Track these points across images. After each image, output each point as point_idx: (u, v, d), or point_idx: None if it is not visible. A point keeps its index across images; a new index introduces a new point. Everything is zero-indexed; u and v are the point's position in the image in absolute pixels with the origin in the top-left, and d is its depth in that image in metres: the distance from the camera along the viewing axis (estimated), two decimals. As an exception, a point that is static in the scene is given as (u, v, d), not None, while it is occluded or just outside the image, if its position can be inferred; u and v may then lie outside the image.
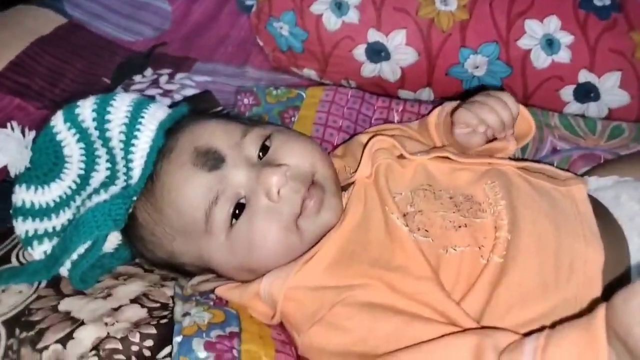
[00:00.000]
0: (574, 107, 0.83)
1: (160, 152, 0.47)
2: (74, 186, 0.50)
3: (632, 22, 0.81)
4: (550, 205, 0.47)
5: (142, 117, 0.48)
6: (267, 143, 0.49)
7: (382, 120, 0.72)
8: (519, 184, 0.48)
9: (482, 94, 0.53)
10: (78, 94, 0.89)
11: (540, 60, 0.82)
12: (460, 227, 0.45)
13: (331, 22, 0.86)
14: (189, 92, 0.89)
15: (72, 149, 0.50)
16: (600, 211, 0.48)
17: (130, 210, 0.48)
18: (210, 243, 0.47)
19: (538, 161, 0.59)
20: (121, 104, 0.49)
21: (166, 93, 0.89)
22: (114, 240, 0.50)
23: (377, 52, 0.86)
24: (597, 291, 0.43)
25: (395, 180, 0.49)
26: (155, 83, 0.91)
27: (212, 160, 0.46)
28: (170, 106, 0.72)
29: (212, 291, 0.47)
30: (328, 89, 0.75)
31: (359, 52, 0.86)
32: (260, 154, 0.48)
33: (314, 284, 0.44)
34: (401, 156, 0.52)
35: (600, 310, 0.33)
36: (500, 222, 0.45)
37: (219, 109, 0.76)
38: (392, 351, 0.39)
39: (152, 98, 0.87)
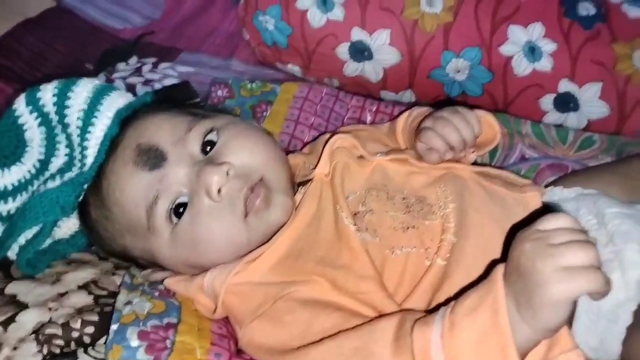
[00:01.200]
0: (553, 117, 0.83)
1: (111, 145, 0.47)
2: (33, 171, 0.50)
3: (616, 33, 0.81)
4: (501, 210, 0.47)
5: (101, 104, 0.48)
6: (213, 137, 0.48)
7: (355, 119, 0.72)
8: (473, 188, 0.48)
9: (449, 109, 0.53)
10: (59, 78, 0.90)
11: (522, 67, 0.81)
12: (408, 228, 0.46)
13: (316, 18, 0.86)
14: (171, 81, 0.89)
15: (34, 133, 0.50)
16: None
17: (85, 202, 0.48)
18: (156, 241, 0.47)
19: (500, 167, 0.59)
20: (82, 90, 0.49)
21: (147, 82, 0.89)
22: (71, 226, 0.50)
23: (360, 51, 0.86)
24: None
25: (351, 179, 0.49)
26: (137, 71, 0.91)
27: (153, 158, 0.46)
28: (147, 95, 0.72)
29: (162, 282, 0.48)
30: (302, 85, 0.75)
31: (342, 50, 0.86)
32: (209, 148, 0.48)
33: (258, 280, 0.44)
34: (361, 156, 0.52)
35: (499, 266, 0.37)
36: (447, 225, 0.45)
37: (196, 100, 0.76)
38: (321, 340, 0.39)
39: (133, 86, 0.87)
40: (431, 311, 0.39)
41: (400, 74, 0.86)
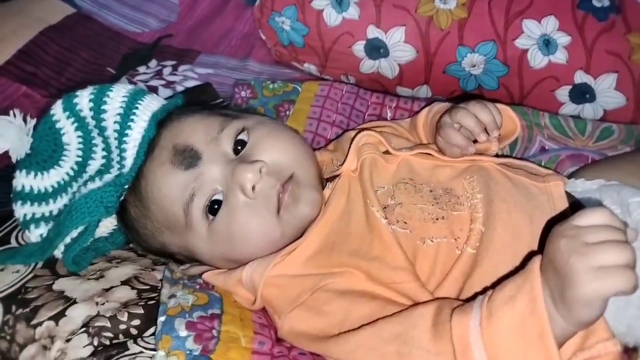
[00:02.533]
0: (569, 108, 0.84)
1: (148, 147, 0.49)
2: (71, 173, 0.52)
3: (630, 24, 0.82)
4: (527, 200, 0.49)
5: (137, 108, 0.50)
6: (244, 137, 0.50)
7: (375, 116, 0.73)
8: (498, 179, 0.50)
9: (469, 102, 0.54)
10: (83, 83, 0.92)
11: (537, 60, 0.82)
12: (437, 219, 0.47)
13: (332, 17, 0.87)
14: (191, 83, 0.91)
15: (71, 137, 0.52)
16: (578, 208, 0.49)
17: (124, 201, 0.50)
18: (193, 237, 0.49)
19: (521, 158, 0.61)
20: (117, 95, 0.51)
21: (169, 84, 0.91)
22: (109, 225, 0.52)
23: (376, 49, 0.87)
24: None
25: (379, 174, 0.51)
26: (158, 74, 0.93)
27: (188, 158, 0.48)
28: (170, 97, 0.74)
29: (200, 276, 0.50)
30: (323, 84, 0.77)
31: (359, 48, 0.88)
32: (240, 147, 0.50)
33: (295, 272, 0.46)
34: (387, 152, 0.53)
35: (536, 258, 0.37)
36: (475, 214, 0.47)
37: (219, 100, 0.78)
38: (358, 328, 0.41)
39: (155, 89, 0.89)
40: (465, 300, 0.40)
41: (416, 70, 0.87)
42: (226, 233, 0.48)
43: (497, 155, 0.57)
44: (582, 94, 0.83)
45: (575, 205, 0.49)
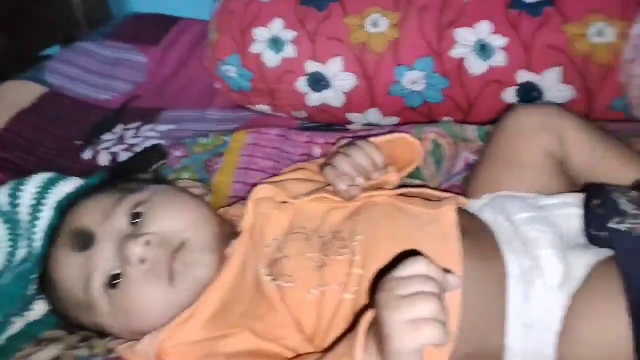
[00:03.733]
0: (520, 109, 0.82)
1: (52, 228, 0.52)
2: (6, 263, 0.56)
3: (566, 14, 0.79)
4: (417, 229, 0.48)
5: (46, 198, 0.53)
6: (141, 210, 0.52)
7: (305, 155, 0.74)
8: (389, 214, 0.50)
9: (351, 144, 0.55)
10: (52, 161, 0.97)
11: (476, 67, 0.81)
12: (322, 267, 0.47)
13: (271, 59, 0.89)
14: (152, 142, 0.94)
15: (1, 230, 0.56)
16: (478, 230, 0.48)
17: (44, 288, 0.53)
18: (98, 314, 0.51)
19: (420, 186, 0.60)
20: (31, 187, 0.54)
21: (130, 147, 0.94)
22: (43, 308, 0.55)
23: (318, 82, 0.88)
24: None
25: (272, 228, 0.51)
26: (121, 139, 0.97)
27: (82, 240, 0.50)
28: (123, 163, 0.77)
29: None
30: (252, 132, 0.78)
31: (302, 83, 0.89)
32: (136, 221, 0.51)
33: (194, 339, 0.47)
34: (285, 202, 0.54)
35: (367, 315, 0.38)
36: (353, 258, 0.46)
37: (165, 161, 0.80)
38: None
39: (116, 155, 0.93)
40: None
41: (360, 95, 0.88)
42: (124, 306, 0.50)
43: (399, 186, 0.56)
44: (528, 92, 0.81)
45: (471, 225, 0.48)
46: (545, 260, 0.44)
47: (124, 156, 0.92)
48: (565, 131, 0.57)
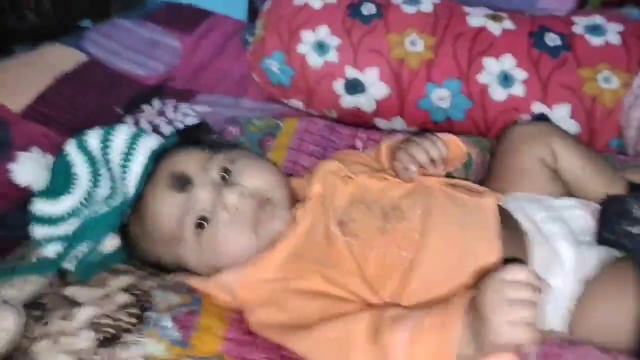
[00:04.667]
0: (530, 136, 0.93)
1: (146, 174, 0.58)
2: (82, 200, 0.61)
3: (580, 60, 0.91)
4: (462, 213, 0.57)
5: (136, 145, 0.59)
6: (230, 167, 0.59)
7: (348, 146, 0.82)
8: (439, 196, 0.59)
9: (421, 135, 0.64)
10: (93, 123, 1.02)
11: (497, 93, 0.92)
12: (384, 231, 0.56)
13: (314, 61, 0.98)
14: (190, 120, 1.01)
15: (81, 171, 0.62)
16: (510, 221, 0.58)
17: (127, 223, 0.59)
18: (184, 248, 0.58)
19: (465, 179, 0.69)
20: (121, 135, 0.61)
21: (170, 121, 1.01)
22: (114, 243, 0.61)
23: (355, 87, 0.97)
24: None
25: (338, 196, 0.59)
26: (161, 112, 1.04)
27: (183, 183, 0.57)
28: (171, 134, 0.84)
29: (186, 282, 0.58)
30: (302, 119, 0.87)
31: (339, 86, 0.98)
32: (226, 175, 0.59)
33: (266, 277, 0.55)
34: (347, 176, 0.62)
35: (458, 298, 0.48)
36: (415, 225, 0.55)
37: (213, 135, 0.87)
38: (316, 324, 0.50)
39: (157, 126, 0.99)
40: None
41: (390, 104, 0.97)
42: (212, 244, 0.57)
43: (448, 175, 0.66)
44: (540, 122, 0.92)
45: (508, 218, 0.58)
46: (564, 251, 0.54)
47: (165, 128, 0.98)
48: (556, 145, 0.67)
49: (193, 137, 0.84)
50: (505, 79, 0.92)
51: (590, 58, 0.91)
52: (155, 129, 0.98)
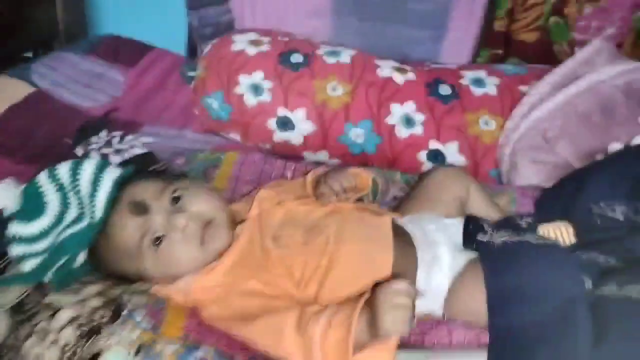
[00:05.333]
0: (428, 166, 1.13)
1: (111, 200, 0.71)
2: (52, 222, 0.72)
3: (466, 106, 1.13)
4: (366, 230, 0.74)
5: (102, 176, 0.72)
6: (179, 194, 0.73)
7: (280, 175, 0.98)
8: (349, 217, 0.76)
9: (337, 169, 0.83)
10: (44, 152, 1.10)
11: (402, 132, 1.12)
12: (307, 244, 0.72)
13: (250, 100, 1.14)
14: (137, 151, 1.12)
15: (52, 197, 0.72)
16: (402, 234, 0.76)
17: (94, 242, 0.71)
18: (143, 262, 0.70)
19: (372, 202, 0.88)
20: (88, 167, 0.72)
21: (117, 152, 1.11)
22: (81, 259, 0.72)
23: (285, 124, 1.14)
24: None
25: (271, 217, 0.75)
26: (108, 143, 1.14)
27: (140, 209, 0.70)
28: (121, 164, 0.96)
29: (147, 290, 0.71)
30: (241, 153, 1.01)
31: (272, 123, 1.14)
32: (175, 201, 0.72)
33: (216, 282, 0.68)
34: (279, 202, 0.78)
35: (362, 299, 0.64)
36: (329, 238, 0.71)
37: (160, 164, 1.00)
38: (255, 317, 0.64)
39: (106, 156, 1.09)
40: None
41: (315, 139, 1.14)
42: (166, 258, 0.70)
43: (359, 200, 0.84)
44: (435, 156, 1.12)
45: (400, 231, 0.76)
46: (443, 255, 0.72)
47: (113, 158, 1.09)
48: (471, 187, 0.88)
49: (147, 167, 0.96)
50: (408, 121, 1.12)
51: (473, 105, 1.13)
52: (104, 159, 1.08)
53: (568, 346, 0.62)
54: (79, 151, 1.11)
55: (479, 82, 1.17)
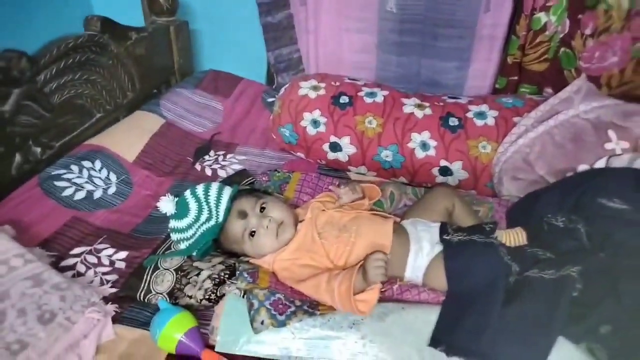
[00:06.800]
0: (440, 179, 1.55)
1: (228, 210, 1.21)
2: (193, 220, 1.23)
3: (469, 134, 1.52)
4: (377, 225, 1.18)
5: (223, 193, 1.22)
6: (264, 205, 1.21)
7: (327, 189, 1.45)
8: (365, 220, 1.20)
9: (354, 183, 1.28)
10: (177, 168, 1.64)
11: (419, 154, 1.54)
12: (339, 237, 1.16)
13: (311, 131, 1.61)
14: (235, 166, 1.62)
15: (193, 205, 1.24)
16: (403, 231, 1.20)
17: (218, 235, 1.22)
18: (245, 246, 1.18)
19: (383, 210, 1.32)
20: (214, 187, 1.23)
21: (222, 167, 1.63)
22: (211, 243, 1.23)
23: (335, 147, 1.60)
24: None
25: (319, 219, 1.22)
26: (216, 161, 1.66)
27: (243, 215, 1.18)
28: (227, 178, 1.47)
29: (248, 261, 1.21)
30: (303, 174, 1.49)
31: (325, 146, 1.60)
32: (262, 209, 1.20)
33: (285, 258, 1.16)
34: (324, 209, 1.25)
35: (359, 264, 1.09)
36: (352, 234, 1.16)
37: (251, 179, 1.50)
38: (307, 278, 1.12)
39: (215, 170, 1.61)
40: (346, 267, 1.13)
41: (357, 158, 1.59)
42: (257, 245, 1.18)
43: (372, 209, 1.29)
44: (445, 171, 1.53)
45: (401, 230, 1.20)
46: (425, 246, 1.15)
47: (220, 172, 1.60)
48: (455, 200, 1.29)
49: (242, 180, 1.47)
50: (424, 146, 1.54)
51: (475, 133, 1.52)
52: (214, 173, 1.60)
53: (489, 304, 1.04)
54: (198, 167, 1.63)
55: (480, 115, 1.55)
